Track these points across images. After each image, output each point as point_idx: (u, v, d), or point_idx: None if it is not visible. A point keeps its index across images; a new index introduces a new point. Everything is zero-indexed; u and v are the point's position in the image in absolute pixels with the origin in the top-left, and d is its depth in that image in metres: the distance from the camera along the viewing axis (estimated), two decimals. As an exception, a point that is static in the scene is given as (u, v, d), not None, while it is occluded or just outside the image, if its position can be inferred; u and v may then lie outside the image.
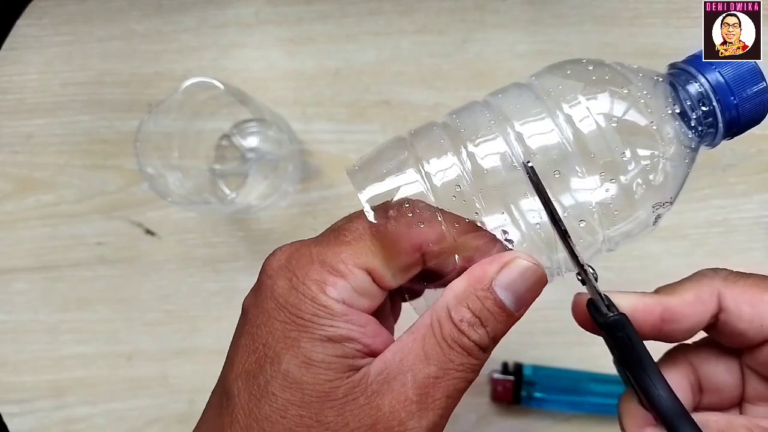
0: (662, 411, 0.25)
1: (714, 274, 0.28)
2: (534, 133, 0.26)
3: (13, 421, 0.52)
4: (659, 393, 0.25)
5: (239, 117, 0.53)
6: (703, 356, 0.29)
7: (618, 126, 0.26)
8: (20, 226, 0.53)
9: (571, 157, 0.26)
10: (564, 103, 0.26)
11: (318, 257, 0.25)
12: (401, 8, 0.53)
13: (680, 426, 0.24)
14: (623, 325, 0.26)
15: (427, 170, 0.26)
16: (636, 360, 0.26)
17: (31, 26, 0.55)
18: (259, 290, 0.26)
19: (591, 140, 0.26)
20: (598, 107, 0.26)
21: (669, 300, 0.27)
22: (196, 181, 0.51)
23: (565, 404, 0.49)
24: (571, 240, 0.26)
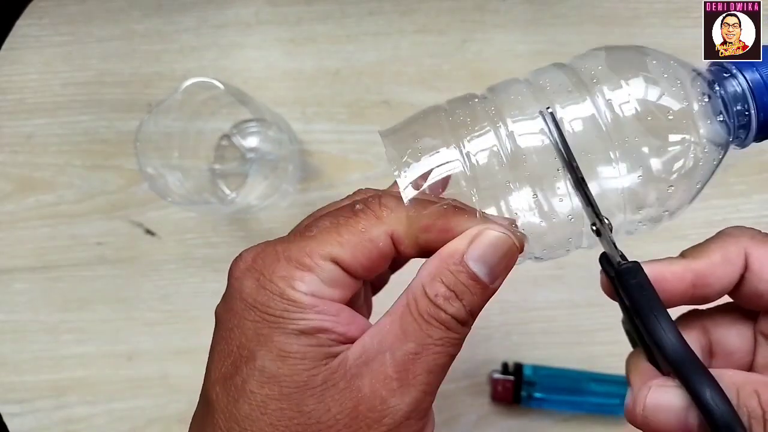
0: (672, 357, 0.24)
1: (740, 232, 0.27)
2: (573, 117, 0.26)
3: (13, 421, 0.52)
4: (670, 339, 0.24)
5: (239, 117, 0.53)
6: (716, 320, 0.29)
7: (651, 113, 0.26)
8: (20, 226, 0.53)
9: (605, 141, 0.26)
10: (603, 85, 0.26)
11: (284, 254, 0.25)
12: (401, 8, 0.53)
13: (691, 372, 0.23)
14: (636, 272, 0.26)
15: (467, 149, 0.26)
16: (648, 307, 0.25)
17: (31, 26, 0.55)
18: (228, 294, 0.26)
19: (625, 125, 0.26)
20: (634, 92, 0.26)
21: (698, 264, 0.26)
22: (196, 181, 0.51)
23: (565, 404, 0.49)
24: (588, 189, 0.25)
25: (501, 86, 0.28)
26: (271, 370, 0.24)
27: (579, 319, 0.51)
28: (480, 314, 0.35)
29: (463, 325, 0.25)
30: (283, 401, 0.24)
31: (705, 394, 0.23)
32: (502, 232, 0.25)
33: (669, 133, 0.26)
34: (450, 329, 0.25)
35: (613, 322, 0.29)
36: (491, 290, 0.26)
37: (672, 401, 0.24)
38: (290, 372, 0.24)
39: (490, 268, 0.25)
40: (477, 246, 0.25)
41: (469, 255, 0.25)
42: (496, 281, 0.26)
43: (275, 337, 0.24)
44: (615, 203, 0.27)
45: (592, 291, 0.27)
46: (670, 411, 0.24)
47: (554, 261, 0.50)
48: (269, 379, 0.24)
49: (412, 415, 0.24)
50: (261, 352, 0.24)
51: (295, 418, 0.24)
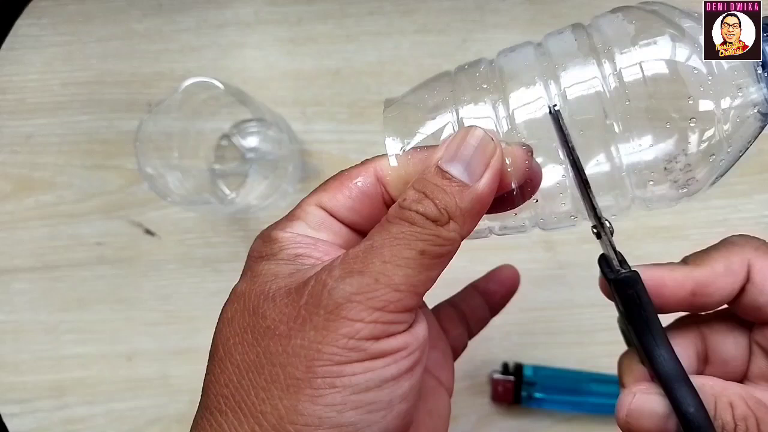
0: (661, 372, 0.25)
1: (745, 242, 0.27)
2: (576, 82, 0.26)
3: (13, 421, 0.52)
4: (661, 353, 0.25)
5: (239, 117, 0.53)
6: (713, 327, 0.28)
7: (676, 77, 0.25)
8: (20, 226, 0.53)
9: (627, 108, 0.25)
10: (620, 51, 0.25)
11: (287, 215, 0.27)
12: (401, 8, 0.53)
13: (677, 388, 0.24)
14: (634, 282, 0.25)
15: (462, 116, 0.26)
16: (643, 319, 0.25)
17: (31, 26, 0.55)
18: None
19: (648, 89, 0.25)
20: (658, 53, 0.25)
21: (699, 273, 0.26)
22: (196, 181, 0.51)
23: (565, 404, 0.49)
24: (591, 192, 0.25)
25: (510, 53, 0.28)
26: (241, 289, 0.25)
27: (579, 319, 0.51)
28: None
29: (435, 222, 0.23)
30: (245, 312, 0.24)
31: (685, 406, 0.24)
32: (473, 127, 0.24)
33: (698, 100, 0.25)
34: (414, 224, 0.23)
35: (613, 322, 0.29)
36: (475, 191, 0.24)
37: (655, 408, 0.25)
38: (254, 286, 0.24)
39: (466, 165, 0.24)
40: (449, 146, 0.24)
41: (443, 158, 0.24)
42: (480, 180, 0.24)
43: (254, 266, 0.25)
44: (639, 174, 0.26)
45: (593, 291, 0.27)
46: (652, 417, 0.25)
47: (554, 261, 0.51)
48: (238, 296, 0.25)
49: (356, 298, 0.22)
50: (240, 280, 0.26)
51: (250, 321, 0.24)
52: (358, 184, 0.26)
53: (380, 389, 0.22)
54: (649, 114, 0.25)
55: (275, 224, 0.27)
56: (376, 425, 0.22)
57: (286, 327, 0.23)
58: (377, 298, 0.22)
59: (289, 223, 0.26)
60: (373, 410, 0.22)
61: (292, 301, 0.23)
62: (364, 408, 0.22)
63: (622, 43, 0.26)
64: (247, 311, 0.24)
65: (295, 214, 0.27)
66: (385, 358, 0.22)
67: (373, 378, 0.22)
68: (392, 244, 0.23)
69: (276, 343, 0.23)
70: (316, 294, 0.22)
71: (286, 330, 0.23)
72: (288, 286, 0.24)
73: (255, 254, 0.26)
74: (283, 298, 0.23)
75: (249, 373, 0.23)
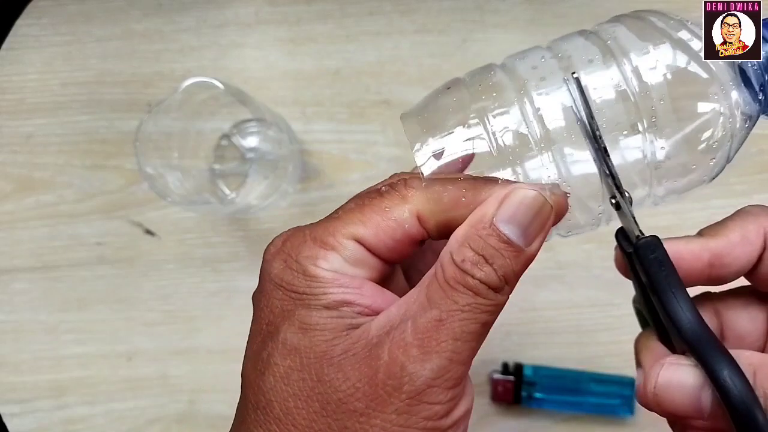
0: (689, 335, 0.23)
1: (760, 211, 0.27)
2: (598, 85, 0.25)
3: (13, 421, 0.52)
4: (690, 318, 0.24)
5: (239, 117, 0.53)
6: (728, 303, 0.28)
7: (677, 80, 0.25)
8: (20, 226, 0.53)
9: (631, 109, 0.25)
10: (631, 53, 0.26)
11: (310, 236, 0.25)
12: (401, 8, 0.53)
13: (708, 350, 0.23)
14: (656, 246, 0.25)
15: (492, 127, 0.26)
16: (666, 283, 0.24)
17: (31, 26, 0.55)
18: (260, 277, 0.26)
19: (653, 92, 0.25)
20: (661, 59, 0.25)
21: (716, 243, 0.26)
22: (196, 181, 0.51)
23: (565, 404, 0.49)
24: (610, 159, 0.25)
25: (522, 56, 0.28)
26: (292, 342, 0.24)
27: (579, 319, 0.51)
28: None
29: (495, 291, 0.24)
30: (304, 371, 0.24)
31: (722, 373, 0.22)
32: (531, 189, 0.24)
33: (698, 102, 0.25)
34: (479, 294, 0.23)
35: (613, 322, 0.29)
36: (527, 254, 0.24)
37: (686, 379, 0.24)
38: (311, 343, 0.24)
39: (522, 229, 0.24)
40: (507, 206, 0.24)
41: (499, 217, 0.24)
42: (533, 244, 0.24)
43: (298, 311, 0.24)
44: (639, 174, 0.26)
45: (593, 291, 0.27)
46: (683, 389, 0.24)
47: (554, 261, 0.51)
48: (291, 351, 0.24)
49: (436, 383, 0.23)
50: (284, 326, 0.25)
51: (316, 387, 0.23)
52: (403, 224, 0.25)
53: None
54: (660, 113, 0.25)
55: (301, 245, 0.25)
56: None
57: (364, 405, 0.23)
58: (451, 378, 0.23)
59: (323, 253, 0.25)
60: None
61: (366, 377, 0.23)
62: None
63: (636, 47, 0.26)
64: (309, 375, 0.24)
65: (329, 243, 0.25)
66: (454, 427, 0.24)
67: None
68: (461, 317, 0.23)
69: (353, 420, 0.23)
70: (394, 375, 0.23)
71: (363, 408, 0.23)
72: (353, 352, 0.23)
73: (287, 287, 0.25)
74: (353, 369, 0.23)
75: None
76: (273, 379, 0.24)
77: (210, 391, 0.51)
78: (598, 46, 0.27)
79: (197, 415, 0.52)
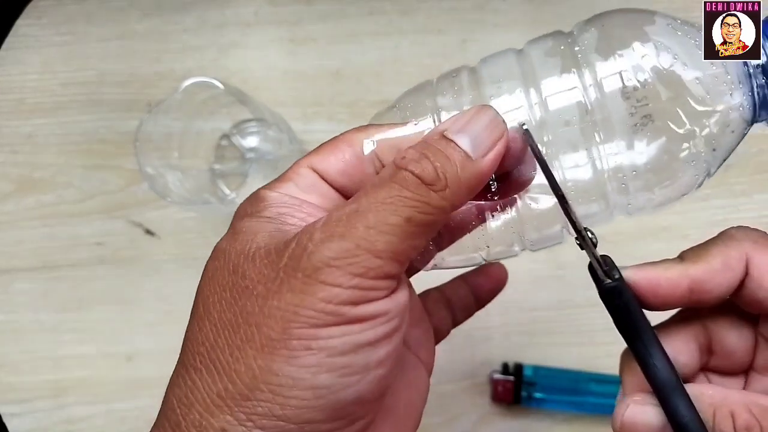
0: (656, 381, 0.24)
1: (743, 235, 0.26)
2: (556, 91, 0.26)
3: (13, 421, 0.52)
4: (654, 363, 0.24)
5: (239, 117, 0.53)
6: (717, 319, 0.28)
7: (666, 80, 0.25)
8: (20, 226, 0.53)
9: (611, 116, 0.25)
10: (606, 56, 0.26)
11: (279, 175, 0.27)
12: (401, 8, 0.53)
13: (672, 398, 0.24)
14: (620, 292, 0.25)
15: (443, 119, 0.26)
16: (633, 328, 0.25)
17: (31, 26, 0.55)
18: None
19: (622, 99, 0.25)
20: (645, 61, 0.25)
21: (695, 270, 0.25)
22: (196, 181, 0.51)
23: (565, 404, 0.49)
24: (569, 205, 0.25)
25: (491, 60, 0.28)
26: (222, 246, 0.25)
27: (579, 319, 0.51)
28: (479, 314, 0.36)
29: (429, 186, 0.22)
30: (224, 268, 0.24)
31: (682, 419, 0.23)
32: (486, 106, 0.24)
33: (688, 106, 0.25)
34: (406, 187, 0.22)
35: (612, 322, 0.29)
36: (477, 166, 0.23)
37: (649, 420, 0.25)
38: (236, 242, 0.24)
39: (472, 138, 0.23)
40: (459, 120, 0.24)
41: (451, 129, 0.24)
42: (485, 158, 0.23)
43: (237, 223, 0.25)
44: (623, 180, 0.26)
45: (593, 291, 0.27)
46: (646, 429, 0.25)
47: (554, 261, 0.51)
48: (219, 253, 0.24)
49: (336, 263, 0.22)
50: (223, 237, 0.25)
51: (230, 279, 0.23)
52: (351, 148, 0.26)
53: (356, 353, 0.22)
54: (630, 121, 0.25)
55: (266, 185, 0.26)
56: (350, 388, 0.22)
57: (264, 288, 0.22)
58: (357, 264, 0.22)
59: (279, 183, 0.26)
60: (347, 374, 0.22)
61: (272, 262, 0.23)
62: (338, 371, 0.22)
63: (602, 51, 0.26)
64: (227, 269, 0.24)
65: (287, 175, 0.26)
66: (362, 324, 0.22)
67: (348, 342, 0.22)
68: (378, 208, 0.22)
69: (253, 303, 0.22)
70: (296, 257, 0.22)
71: (263, 290, 0.22)
72: (268, 246, 0.23)
73: (240, 212, 0.26)
74: (263, 259, 0.23)
75: (225, 331, 0.23)
76: (203, 281, 0.25)
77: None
78: (566, 51, 0.27)
79: (197, 415, 0.51)
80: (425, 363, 0.31)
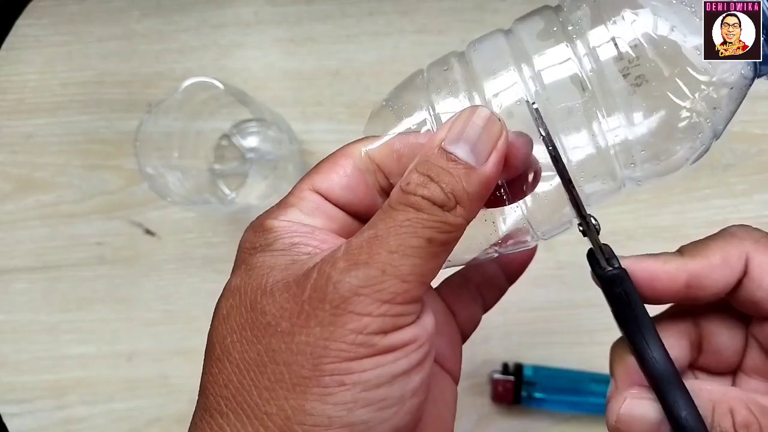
0: (654, 374, 0.24)
1: (745, 233, 0.26)
2: (550, 65, 0.25)
3: (13, 421, 0.52)
4: (653, 355, 0.24)
5: (239, 117, 0.53)
6: (709, 317, 0.28)
7: (664, 47, 0.25)
8: (20, 226, 0.53)
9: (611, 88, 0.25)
10: (594, 25, 0.25)
11: (278, 201, 0.26)
12: (401, 8, 0.53)
13: (670, 392, 0.23)
14: (621, 280, 0.25)
15: (437, 112, 0.26)
16: (632, 318, 0.24)
17: (31, 26, 0.55)
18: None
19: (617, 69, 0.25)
20: (642, 27, 0.25)
21: (695, 265, 0.25)
22: (196, 181, 0.51)
23: (565, 404, 0.49)
24: (574, 189, 0.24)
25: (479, 43, 0.28)
26: (235, 284, 0.24)
27: (579, 319, 0.51)
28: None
29: (441, 208, 0.22)
30: (241, 306, 0.23)
31: (680, 413, 0.23)
32: (479, 106, 0.24)
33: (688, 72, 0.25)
34: (420, 210, 0.22)
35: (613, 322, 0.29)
36: (481, 173, 0.23)
37: (646, 414, 0.24)
38: (250, 279, 0.23)
39: (471, 146, 0.23)
40: (454, 128, 0.23)
41: (447, 140, 0.23)
42: (486, 163, 0.23)
43: (248, 259, 0.24)
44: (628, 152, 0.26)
45: (592, 291, 0.27)
46: (643, 423, 0.24)
47: (554, 261, 0.51)
48: (233, 291, 0.24)
49: (364, 291, 0.21)
50: (234, 275, 0.25)
51: (249, 316, 0.22)
52: (351, 162, 0.25)
53: (391, 385, 0.21)
54: (631, 91, 0.25)
55: (267, 212, 0.25)
56: (387, 422, 0.22)
57: (289, 323, 0.22)
58: (385, 291, 0.21)
59: (282, 210, 0.25)
60: (384, 407, 0.21)
61: (294, 296, 0.22)
62: (375, 405, 0.21)
63: (594, 21, 0.25)
64: (245, 307, 0.23)
65: (288, 201, 0.25)
66: (395, 353, 0.22)
67: (383, 373, 0.21)
68: (398, 232, 0.22)
69: (278, 340, 0.22)
70: (320, 288, 0.21)
71: (288, 326, 0.22)
72: (286, 279, 0.22)
73: (247, 245, 0.25)
74: (283, 292, 0.22)
75: (250, 372, 0.22)
76: (216, 322, 0.24)
77: (210, 391, 0.51)
78: (557, 28, 0.26)
79: (197, 415, 0.52)
80: (451, 372, 0.30)
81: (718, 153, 0.51)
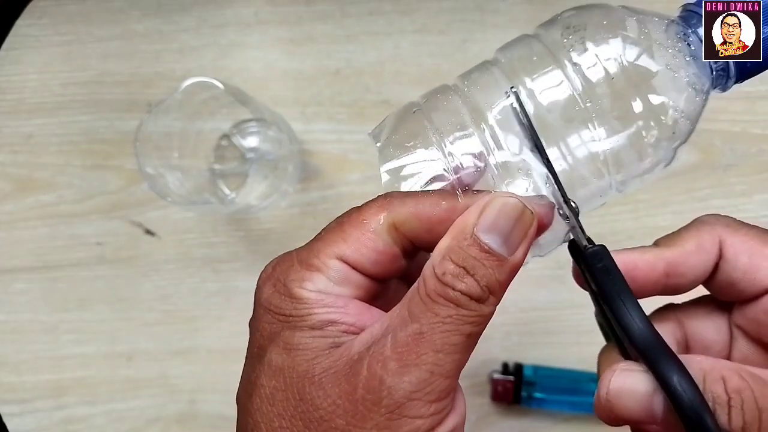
0: (639, 341, 0.24)
1: (715, 220, 0.27)
2: (545, 88, 0.26)
3: (13, 421, 0.52)
4: (637, 324, 0.24)
5: (239, 117, 0.53)
6: (691, 314, 0.28)
7: (629, 72, 0.25)
8: (20, 226, 0.53)
9: (582, 106, 0.26)
10: (573, 51, 0.26)
11: (297, 259, 0.26)
12: (401, 8, 0.53)
13: (660, 360, 0.23)
14: (602, 255, 0.25)
15: (449, 149, 0.26)
16: (614, 291, 0.24)
17: (31, 26, 0.55)
18: (254, 303, 0.26)
19: (601, 88, 0.25)
20: (609, 53, 0.26)
21: (671, 253, 0.26)
22: (196, 181, 0.51)
23: (565, 404, 0.49)
24: (555, 172, 0.25)
25: (475, 76, 0.28)
26: (277, 363, 0.24)
27: (579, 319, 0.51)
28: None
29: (478, 302, 0.23)
30: (287, 391, 0.24)
31: (672, 379, 0.22)
32: (511, 197, 0.24)
33: (648, 92, 0.26)
34: (461, 306, 0.23)
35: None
36: (511, 263, 0.24)
37: (637, 385, 0.24)
38: (294, 363, 0.24)
39: (504, 238, 0.24)
40: (487, 215, 0.24)
41: (480, 226, 0.24)
42: (516, 252, 0.24)
43: (283, 333, 0.24)
44: (600, 163, 0.26)
45: (592, 291, 0.27)
46: (635, 395, 0.24)
47: (554, 261, 0.51)
48: (276, 371, 0.24)
49: (416, 395, 0.22)
50: (270, 348, 0.25)
51: (299, 406, 0.23)
52: (381, 235, 0.25)
53: None
54: (612, 108, 0.26)
55: (289, 269, 0.25)
56: None
57: (344, 422, 0.23)
58: (434, 391, 0.23)
59: (308, 274, 0.25)
60: None
61: (346, 393, 0.23)
62: None
63: (578, 45, 0.26)
64: (292, 395, 0.23)
65: (314, 264, 0.25)
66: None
67: None
68: (441, 330, 0.23)
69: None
70: (374, 390, 0.22)
71: (344, 425, 0.23)
72: (334, 369, 0.23)
73: (276, 310, 0.25)
74: (334, 387, 0.23)
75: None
76: (259, 400, 0.24)
77: (210, 391, 0.51)
78: (543, 48, 0.27)
79: (197, 415, 0.52)
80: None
81: (718, 153, 0.51)
